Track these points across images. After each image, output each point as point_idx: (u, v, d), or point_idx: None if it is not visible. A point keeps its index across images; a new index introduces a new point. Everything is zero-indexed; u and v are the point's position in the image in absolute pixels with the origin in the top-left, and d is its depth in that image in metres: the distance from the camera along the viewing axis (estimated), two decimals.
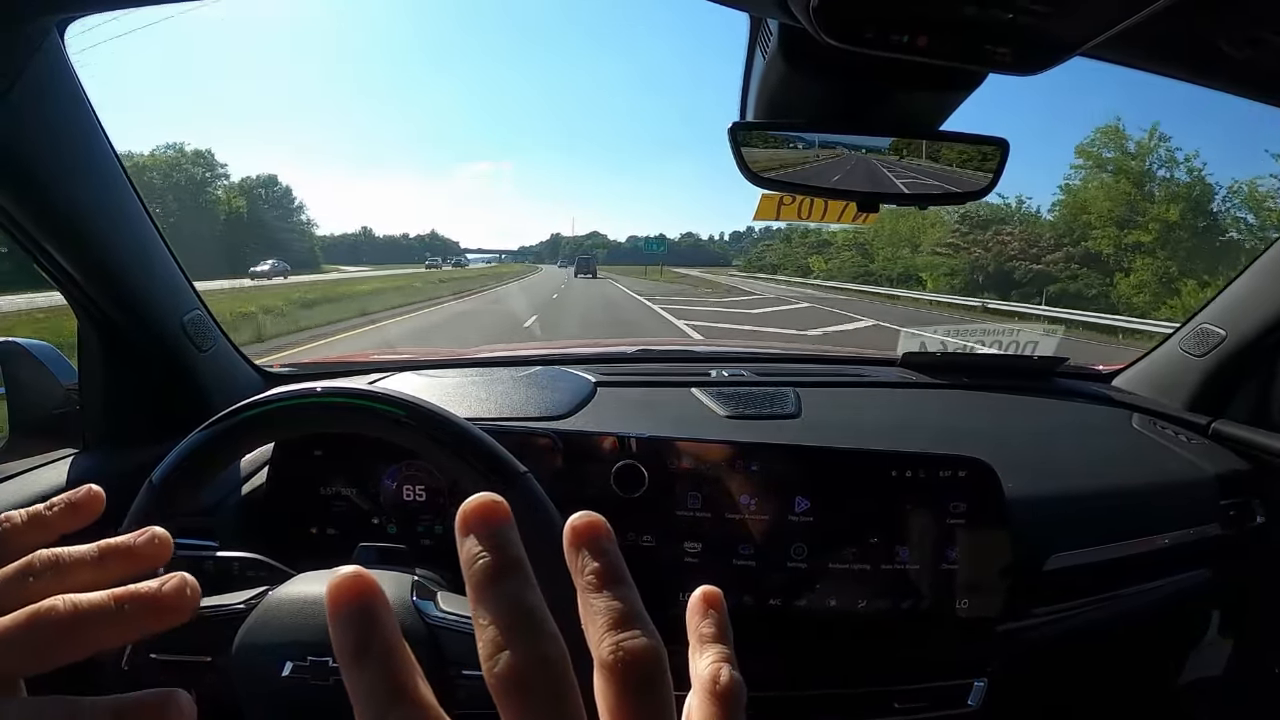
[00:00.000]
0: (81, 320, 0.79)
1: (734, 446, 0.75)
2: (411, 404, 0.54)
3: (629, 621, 0.19)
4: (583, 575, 0.20)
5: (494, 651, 0.18)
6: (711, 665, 0.21)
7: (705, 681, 0.21)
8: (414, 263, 75.44)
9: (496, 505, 0.20)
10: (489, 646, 0.18)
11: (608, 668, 0.19)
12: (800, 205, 0.82)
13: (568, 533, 0.21)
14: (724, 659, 0.21)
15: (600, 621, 0.19)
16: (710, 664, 0.21)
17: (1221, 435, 1.02)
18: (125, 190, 0.75)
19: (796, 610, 0.73)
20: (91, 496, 0.26)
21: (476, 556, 0.19)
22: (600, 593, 0.20)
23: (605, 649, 0.19)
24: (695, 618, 0.23)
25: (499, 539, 0.20)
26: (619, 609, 0.19)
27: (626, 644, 0.19)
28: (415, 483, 0.81)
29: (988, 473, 0.75)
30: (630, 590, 0.20)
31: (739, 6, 0.53)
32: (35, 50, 0.60)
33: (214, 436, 0.53)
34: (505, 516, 0.20)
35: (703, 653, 0.22)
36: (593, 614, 0.19)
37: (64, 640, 0.22)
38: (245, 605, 0.51)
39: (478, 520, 0.20)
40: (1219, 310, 1.06)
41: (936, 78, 0.57)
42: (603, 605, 0.19)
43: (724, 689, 0.20)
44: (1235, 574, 0.95)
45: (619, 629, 0.19)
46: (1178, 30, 0.54)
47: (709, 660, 0.21)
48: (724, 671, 0.21)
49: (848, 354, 1.52)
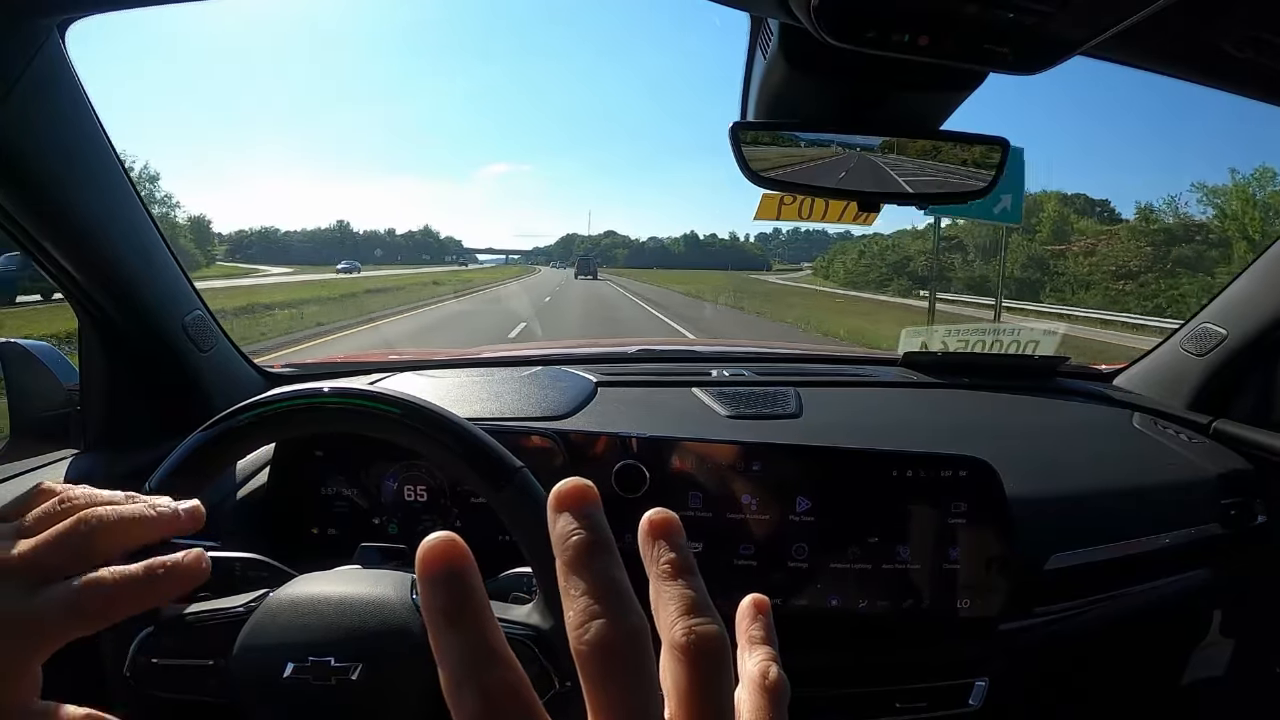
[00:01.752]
0: (82, 320, 0.79)
1: (735, 446, 0.75)
2: (407, 402, 0.54)
3: (700, 609, 0.21)
4: (658, 564, 0.22)
5: (585, 620, 0.19)
6: (761, 663, 0.23)
7: (755, 677, 0.23)
8: (408, 264, 72.47)
9: (589, 488, 0.21)
10: (581, 615, 0.19)
11: (680, 648, 0.20)
12: (801, 205, 0.83)
13: (644, 525, 0.23)
14: (772, 658, 0.23)
15: (673, 607, 0.21)
16: (759, 662, 0.23)
17: (1222, 435, 1.02)
18: (126, 190, 0.75)
19: (798, 610, 0.73)
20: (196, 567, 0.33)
21: (571, 533, 0.20)
22: (675, 581, 0.21)
23: (678, 631, 0.20)
24: (745, 621, 0.25)
25: (592, 519, 0.21)
26: (691, 597, 0.21)
27: (699, 629, 0.20)
28: (416, 483, 0.81)
29: (989, 472, 0.75)
30: (700, 581, 0.22)
31: (739, 6, 0.53)
32: (35, 50, 0.60)
33: (215, 437, 0.54)
34: (596, 498, 0.22)
35: (752, 652, 0.24)
36: (666, 600, 0.21)
37: (102, 539, 0.29)
38: (245, 608, 0.51)
39: (572, 500, 0.21)
40: (1220, 310, 1.06)
41: (937, 77, 0.57)
42: (676, 593, 0.21)
43: (772, 684, 0.22)
44: (1236, 574, 0.95)
45: (691, 615, 0.20)
46: (1178, 30, 0.54)
47: (758, 659, 0.23)
48: (772, 669, 0.23)
49: (849, 354, 1.52)
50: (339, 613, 0.49)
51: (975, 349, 1.52)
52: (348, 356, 1.28)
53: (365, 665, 0.47)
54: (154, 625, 0.51)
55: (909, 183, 0.65)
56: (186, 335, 0.85)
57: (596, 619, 0.19)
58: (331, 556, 0.58)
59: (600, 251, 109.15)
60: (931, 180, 0.65)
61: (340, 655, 0.47)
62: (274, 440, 0.76)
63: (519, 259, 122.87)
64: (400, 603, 0.50)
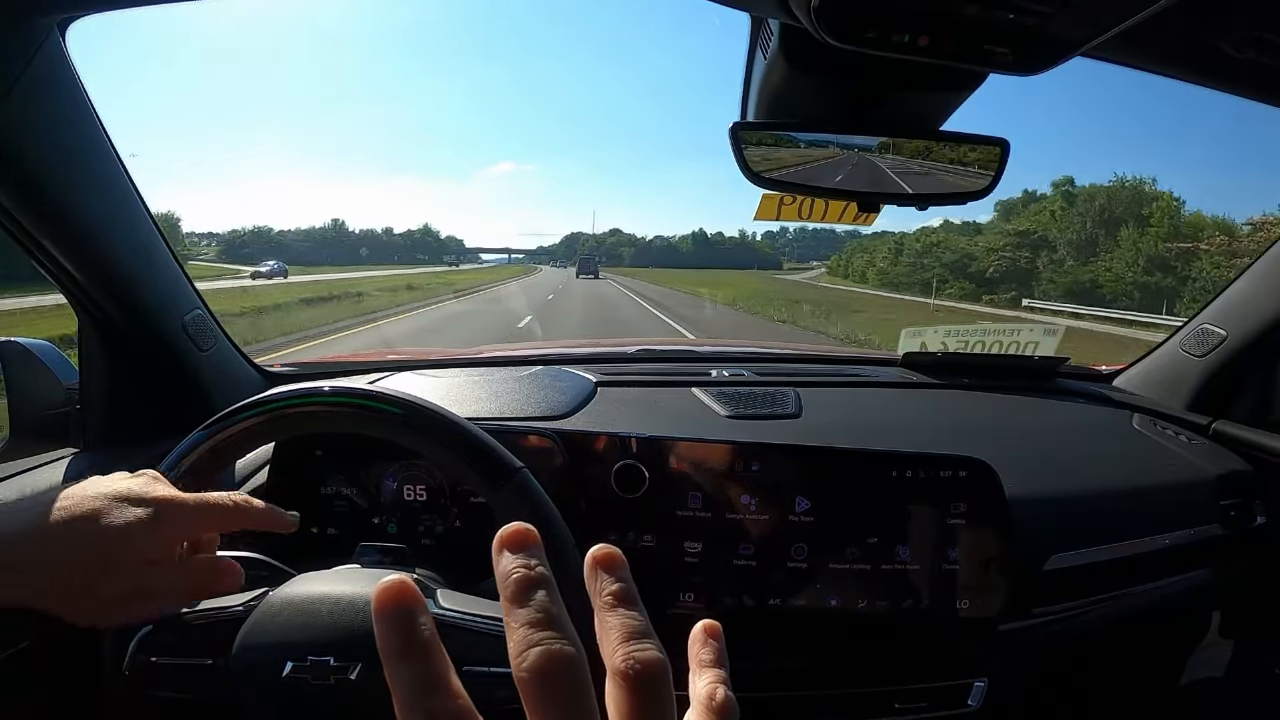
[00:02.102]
0: (82, 320, 0.79)
1: (735, 446, 0.75)
2: (408, 402, 0.54)
3: (640, 636, 0.22)
4: (600, 596, 0.23)
5: (524, 649, 0.20)
6: (708, 685, 0.24)
7: (703, 699, 0.24)
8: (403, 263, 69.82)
9: (528, 530, 0.23)
10: (520, 645, 0.20)
11: (620, 674, 0.21)
12: (801, 205, 0.82)
13: (588, 561, 0.24)
14: (720, 680, 0.24)
15: (615, 635, 0.22)
16: (707, 684, 0.24)
17: (1222, 435, 1.02)
18: (126, 190, 0.75)
19: (797, 610, 0.73)
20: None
21: (512, 570, 0.22)
22: (615, 610, 0.23)
23: (619, 658, 0.21)
24: (695, 646, 0.26)
25: (530, 557, 0.23)
26: (632, 625, 0.22)
27: (638, 654, 0.21)
28: (416, 482, 0.81)
29: (988, 473, 0.75)
30: (641, 610, 0.23)
31: (739, 6, 0.53)
32: (35, 50, 0.60)
33: (216, 435, 0.54)
34: (536, 540, 0.23)
35: (701, 675, 0.25)
36: (608, 629, 0.22)
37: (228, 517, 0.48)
38: (244, 607, 0.51)
39: (513, 541, 0.23)
40: (1219, 310, 1.06)
41: (937, 78, 0.57)
42: (617, 621, 0.22)
43: (719, 706, 0.23)
44: (1236, 574, 0.95)
45: (631, 641, 0.22)
46: (1178, 30, 0.54)
47: (706, 681, 0.24)
48: (719, 691, 0.24)
49: (848, 354, 1.52)
50: (338, 612, 0.49)
51: (975, 349, 1.52)
52: (348, 356, 1.28)
53: (364, 665, 0.47)
54: (153, 623, 0.51)
55: (909, 183, 0.65)
56: (186, 335, 0.85)
57: (533, 647, 0.20)
58: (331, 556, 0.58)
59: (605, 250, 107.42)
60: (931, 180, 0.65)
61: (339, 655, 0.47)
62: (274, 439, 0.76)
63: (523, 258, 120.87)
64: None
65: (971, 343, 1.54)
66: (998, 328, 1.54)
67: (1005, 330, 1.53)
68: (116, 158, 0.73)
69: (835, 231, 46.51)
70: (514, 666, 0.20)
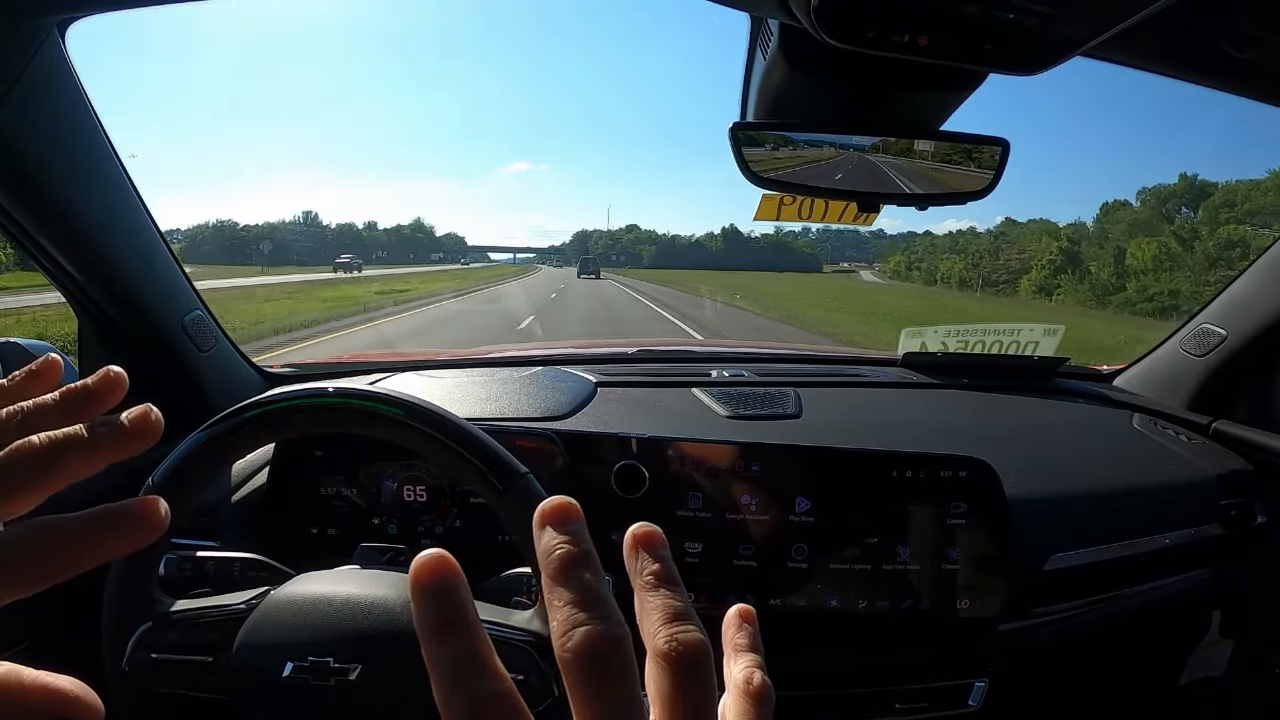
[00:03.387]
0: (82, 320, 0.79)
1: (735, 447, 0.75)
2: (409, 403, 0.54)
3: (682, 617, 0.21)
4: (641, 576, 0.22)
5: (569, 628, 0.20)
6: (745, 669, 0.24)
7: (740, 683, 0.23)
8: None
9: (572, 504, 0.22)
10: (564, 624, 0.20)
11: (663, 655, 0.21)
12: (801, 205, 0.82)
13: (628, 539, 0.23)
14: (756, 665, 0.24)
15: (656, 616, 0.21)
16: (744, 668, 0.24)
17: (1222, 435, 1.02)
18: (126, 190, 0.75)
19: (797, 610, 0.73)
20: (50, 364, 0.28)
21: (555, 546, 0.21)
22: (657, 591, 0.22)
23: (661, 639, 0.21)
24: (730, 630, 0.26)
25: (574, 532, 0.22)
26: (674, 605, 0.22)
27: (680, 636, 0.21)
28: (416, 483, 0.81)
29: (988, 473, 0.75)
30: (682, 590, 0.22)
31: (739, 6, 0.53)
32: (35, 50, 0.60)
33: (216, 436, 0.54)
34: (579, 515, 0.22)
35: (737, 659, 0.25)
36: (649, 609, 0.22)
37: (43, 469, 0.23)
38: (246, 605, 0.51)
39: (556, 516, 0.22)
40: (1219, 310, 1.06)
41: (937, 78, 0.57)
42: (659, 602, 0.22)
43: (756, 690, 0.23)
44: (1235, 574, 0.95)
45: (674, 623, 0.21)
46: (1178, 30, 0.54)
47: (743, 665, 0.24)
48: (756, 675, 0.24)
49: (848, 354, 1.52)
50: (339, 613, 0.49)
51: (975, 349, 1.52)
52: (348, 356, 1.28)
53: (364, 666, 0.47)
54: (153, 620, 0.51)
55: (909, 183, 0.65)
56: (186, 335, 0.85)
57: (579, 627, 0.20)
58: (331, 556, 0.58)
59: (622, 248, 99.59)
60: (931, 180, 0.65)
61: (340, 656, 0.47)
62: (275, 440, 0.76)
63: (534, 257, 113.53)
64: (400, 604, 0.50)
65: (971, 343, 1.54)
66: (998, 327, 1.53)
67: (1005, 330, 1.53)
68: (116, 158, 0.73)
69: (859, 232, 44.60)
70: (557, 646, 0.20)
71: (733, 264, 65.30)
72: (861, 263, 70.98)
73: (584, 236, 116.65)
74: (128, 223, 0.76)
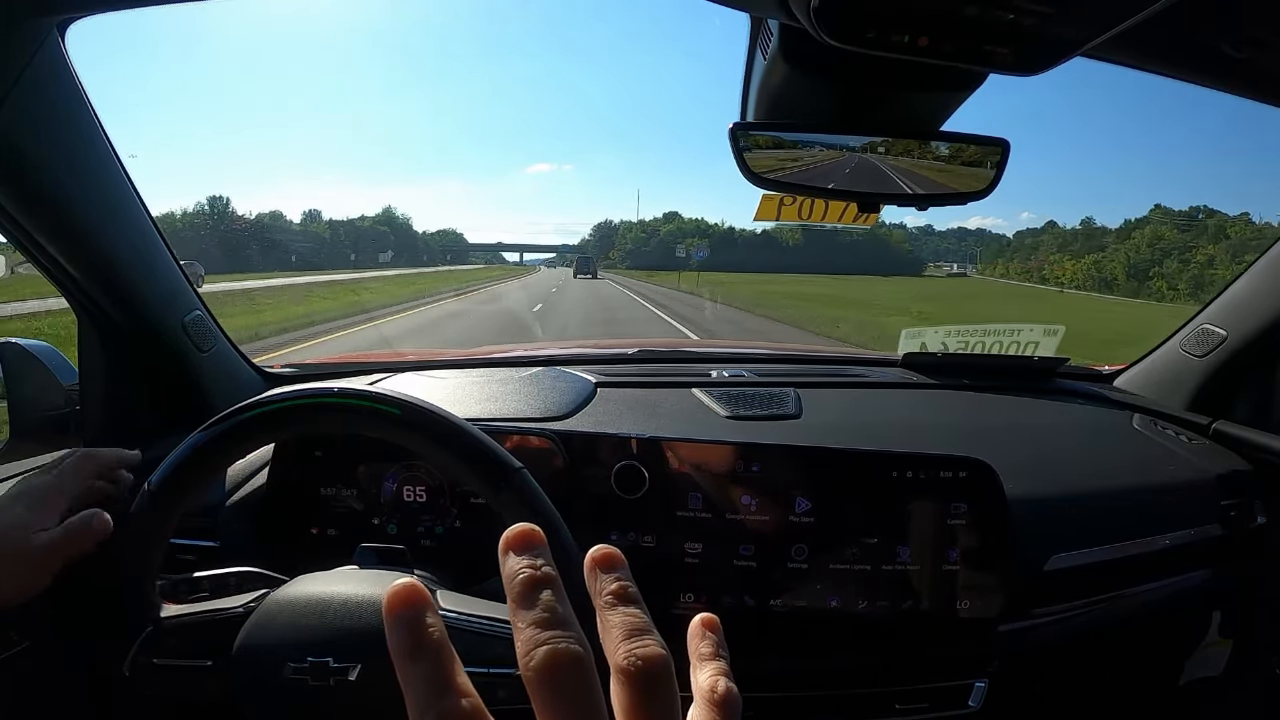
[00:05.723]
0: (82, 320, 0.79)
1: (735, 447, 0.75)
2: (408, 403, 0.54)
3: (641, 632, 0.22)
4: (601, 595, 0.23)
5: (531, 648, 0.20)
6: (710, 678, 0.24)
7: (705, 692, 0.24)
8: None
9: (534, 531, 0.23)
10: (527, 644, 0.21)
11: (623, 671, 0.21)
12: (801, 206, 0.83)
13: (587, 562, 0.24)
14: (721, 673, 0.24)
15: (616, 633, 0.22)
16: (709, 676, 0.24)
17: (1222, 436, 1.02)
18: (125, 190, 0.75)
19: (797, 611, 0.73)
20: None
21: (518, 570, 0.22)
22: (616, 609, 0.23)
23: (621, 655, 0.21)
24: (695, 640, 0.26)
25: (536, 557, 0.23)
26: (633, 622, 0.22)
27: (639, 651, 0.21)
28: (415, 483, 0.81)
29: (988, 473, 0.75)
30: (642, 607, 0.23)
31: (739, 6, 0.53)
32: (35, 50, 0.60)
33: (216, 436, 0.54)
34: (542, 540, 0.23)
35: (702, 668, 0.25)
36: (609, 627, 0.22)
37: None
38: (244, 608, 0.51)
39: (518, 543, 0.23)
40: (1220, 310, 1.06)
41: (937, 78, 0.57)
42: (619, 619, 0.22)
43: (721, 697, 0.23)
44: (1236, 574, 0.95)
45: (633, 638, 0.22)
46: (1178, 30, 0.54)
47: (708, 674, 0.24)
48: (721, 683, 0.24)
49: (848, 354, 1.52)
50: (338, 613, 0.49)
51: (975, 349, 1.52)
52: (348, 357, 1.28)
53: (364, 666, 0.47)
54: (153, 625, 0.51)
55: (909, 183, 0.65)
56: (186, 335, 0.85)
57: (540, 646, 0.20)
58: (330, 557, 0.58)
59: (658, 242, 79.76)
60: (932, 181, 0.65)
61: (339, 656, 0.47)
62: (274, 440, 0.76)
63: (553, 256, 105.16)
64: None
65: (972, 343, 1.54)
66: (998, 328, 1.54)
67: (1005, 330, 1.53)
68: (116, 158, 0.73)
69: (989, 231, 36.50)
70: (521, 666, 0.20)
71: (817, 265, 48.69)
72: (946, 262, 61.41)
73: (607, 229, 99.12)
74: (127, 223, 0.76)
